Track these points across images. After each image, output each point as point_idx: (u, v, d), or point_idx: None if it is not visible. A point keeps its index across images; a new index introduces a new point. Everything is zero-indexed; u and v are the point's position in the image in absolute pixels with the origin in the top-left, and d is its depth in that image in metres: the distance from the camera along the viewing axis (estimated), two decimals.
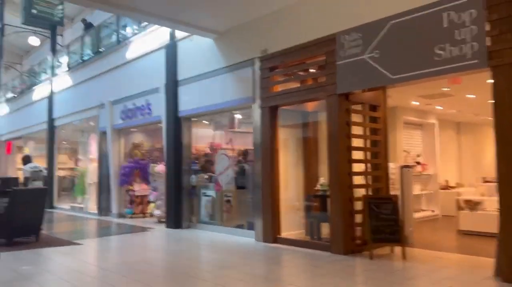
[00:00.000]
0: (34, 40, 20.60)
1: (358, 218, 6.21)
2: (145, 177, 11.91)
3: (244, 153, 8.80)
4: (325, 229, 6.74)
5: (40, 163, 10.91)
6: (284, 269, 5.86)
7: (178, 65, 9.25)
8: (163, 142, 9.74)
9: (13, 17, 20.89)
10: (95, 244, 7.91)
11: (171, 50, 9.39)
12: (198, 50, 8.79)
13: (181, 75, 9.20)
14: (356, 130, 6.43)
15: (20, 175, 11.73)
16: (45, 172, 8.62)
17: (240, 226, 8.33)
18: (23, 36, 21.64)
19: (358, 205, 6.21)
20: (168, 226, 9.30)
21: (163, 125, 9.67)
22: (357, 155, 6.40)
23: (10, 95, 20.69)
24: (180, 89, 9.23)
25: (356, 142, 6.40)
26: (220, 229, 8.42)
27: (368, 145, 6.56)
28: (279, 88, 7.17)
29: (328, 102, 6.27)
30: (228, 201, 8.48)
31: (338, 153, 6.09)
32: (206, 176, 9.27)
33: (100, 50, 12.60)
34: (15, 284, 4.83)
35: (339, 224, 6.03)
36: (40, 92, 16.66)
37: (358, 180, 6.43)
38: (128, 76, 11.25)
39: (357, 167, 6.42)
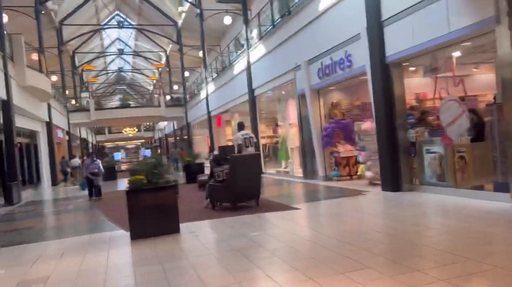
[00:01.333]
0: (227, 19, 22.10)
1: None
2: (349, 137, 11.11)
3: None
4: None
5: None
6: None
7: (381, 2, 7.89)
8: (370, 95, 8.65)
9: (207, 2, 22.86)
10: (312, 209, 7.56)
11: None
12: None
13: (386, 12, 7.82)
14: None
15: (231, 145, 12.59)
16: (255, 138, 8.70)
17: (478, 187, 6.68)
18: (217, 18, 23.56)
19: None
20: (385, 189, 8.29)
21: (368, 76, 8.55)
22: None
23: (214, 75, 22.89)
24: (386, 30, 7.88)
25: None
26: (452, 192, 6.94)
27: None
28: None
29: None
30: (462, 157, 6.88)
31: None
32: (427, 130, 7.80)
33: (290, 9, 12.19)
34: (249, 251, 4.68)
35: None
36: (239, 66, 17.66)
37: None
38: (322, 29, 10.46)
39: None
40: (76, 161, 22.96)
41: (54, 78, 30.75)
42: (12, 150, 13.46)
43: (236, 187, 7.57)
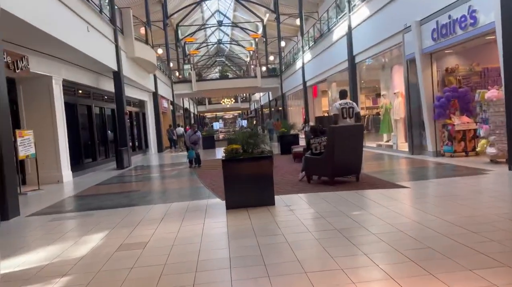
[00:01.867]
0: None
1: None
2: (467, 108, 9.74)
3: None
4: None
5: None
6: None
7: None
8: (499, 58, 7.29)
9: None
10: (422, 188, 6.72)
11: None
12: None
13: None
14: None
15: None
16: (357, 109, 7.95)
17: None
18: None
19: None
20: None
21: (497, 35, 7.19)
22: None
23: (311, 43, 22.00)
24: None
25: None
26: None
27: None
28: None
29: None
30: None
31: None
32: None
33: None
34: (352, 233, 4.19)
35: None
36: (338, 32, 16.61)
37: None
38: None
39: None
40: (180, 129, 24.63)
41: (159, 51, 32.67)
42: (123, 118, 14.50)
43: (335, 160, 7.03)
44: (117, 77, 14.37)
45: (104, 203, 7.15)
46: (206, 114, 67.24)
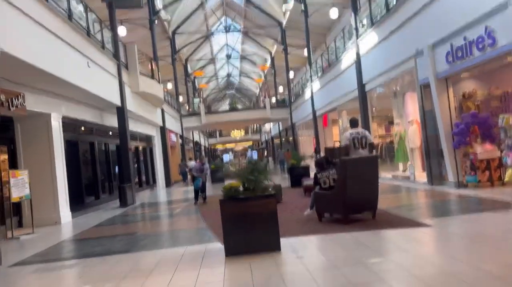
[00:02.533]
0: (334, 13, 20.62)
1: None
2: (488, 134, 9.01)
3: None
4: None
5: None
6: None
7: None
8: None
9: None
10: (447, 226, 5.94)
11: None
12: None
13: None
14: None
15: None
16: (370, 138, 7.32)
17: None
18: (323, 12, 22.30)
19: None
20: None
21: None
22: None
23: (319, 73, 21.66)
24: None
25: None
26: None
27: None
28: None
29: None
30: None
31: None
32: None
33: None
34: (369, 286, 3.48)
35: None
36: (347, 60, 16.21)
37: None
38: (451, 4, 8.63)
39: None
40: (193, 163, 24.34)
41: (169, 85, 32.82)
42: (126, 153, 14.07)
43: (347, 196, 6.35)
44: (121, 112, 14.06)
45: (95, 249, 6.53)
46: (218, 146, 67.14)
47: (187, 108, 35.71)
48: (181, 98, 39.14)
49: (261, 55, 41.13)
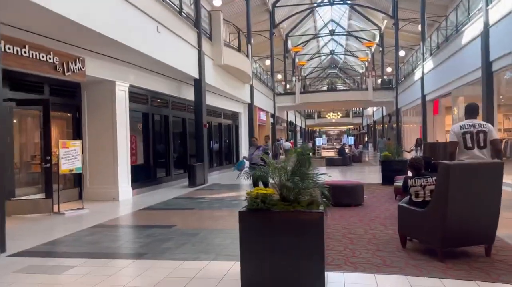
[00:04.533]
0: None
1: None
2: None
3: None
4: None
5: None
6: None
7: None
8: None
9: None
10: None
11: None
12: None
13: None
14: None
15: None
16: (493, 134, 4.93)
17: None
18: None
19: None
20: None
21: None
22: None
23: (434, 50, 18.24)
24: None
25: None
26: None
27: None
28: None
29: None
30: None
31: None
32: None
33: None
34: None
35: None
36: (469, 32, 12.97)
37: None
38: None
39: None
40: (288, 144, 23.48)
41: (267, 62, 31.60)
42: (200, 130, 13.12)
43: (448, 218, 4.21)
44: (198, 85, 13.07)
45: (112, 245, 5.45)
46: (315, 128, 64.86)
47: (285, 86, 34.27)
48: (279, 76, 37.94)
49: (368, 32, 37.50)
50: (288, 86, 34.02)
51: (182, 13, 11.92)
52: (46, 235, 6.02)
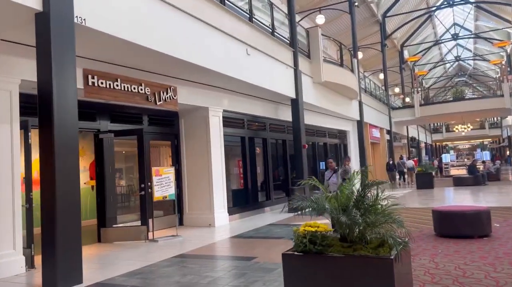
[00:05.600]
0: None
1: None
2: None
3: None
4: None
5: None
6: None
7: None
8: None
9: None
10: None
11: None
12: None
13: None
14: None
15: None
16: None
17: None
18: None
19: None
20: None
21: None
22: None
23: None
24: None
25: None
26: None
27: None
28: None
29: None
30: None
31: None
32: None
33: None
34: None
35: None
36: None
37: None
38: None
39: None
40: (411, 162, 22.06)
41: (381, 76, 29.74)
42: (300, 151, 12.51)
43: None
44: (295, 105, 12.57)
45: (182, 279, 5.13)
46: (444, 143, 58.62)
47: (403, 99, 31.73)
48: (396, 90, 35.38)
49: (501, 31, 32.76)
50: (407, 99, 31.41)
51: (275, 33, 11.68)
52: (128, 265, 6.03)
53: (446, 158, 28.58)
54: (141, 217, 8.23)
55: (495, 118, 46.55)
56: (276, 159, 13.79)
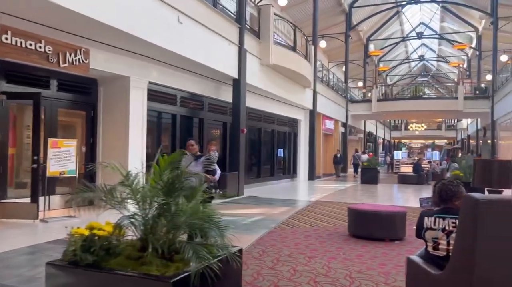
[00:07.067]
0: None
1: None
2: None
3: None
4: None
5: None
6: None
7: None
8: None
9: None
10: None
11: None
12: None
13: None
14: None
15: None
16: None
17: None
18: None
19: None
20: None
21: None
22: None
23: None
24: None
25: None
26: None
27: None
28: None
29: None
30: None
31: None
32: None
33: None
34: None
35: None
36: None
37: None
38: None
39: None
40: (365, 157, 22.20)
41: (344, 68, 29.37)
42: (237, 135, 11.79)
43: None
44: (237, 85, 11.79)
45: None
46: (403, 141, 59.78)
47: (364, 93, 31.62)
48: (360, 83, 35.30)
49: (464, 35, 33.13)
50: (370, 94, 31.33)
51: (218, 5, 10.78)
52: None
53: (398, 155, 28.76)
54: (31, 193, 7.24)
55: (453, 120, 47.68)
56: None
